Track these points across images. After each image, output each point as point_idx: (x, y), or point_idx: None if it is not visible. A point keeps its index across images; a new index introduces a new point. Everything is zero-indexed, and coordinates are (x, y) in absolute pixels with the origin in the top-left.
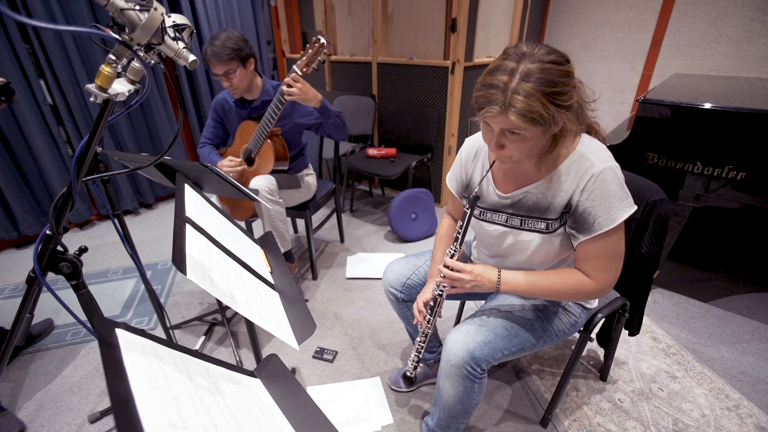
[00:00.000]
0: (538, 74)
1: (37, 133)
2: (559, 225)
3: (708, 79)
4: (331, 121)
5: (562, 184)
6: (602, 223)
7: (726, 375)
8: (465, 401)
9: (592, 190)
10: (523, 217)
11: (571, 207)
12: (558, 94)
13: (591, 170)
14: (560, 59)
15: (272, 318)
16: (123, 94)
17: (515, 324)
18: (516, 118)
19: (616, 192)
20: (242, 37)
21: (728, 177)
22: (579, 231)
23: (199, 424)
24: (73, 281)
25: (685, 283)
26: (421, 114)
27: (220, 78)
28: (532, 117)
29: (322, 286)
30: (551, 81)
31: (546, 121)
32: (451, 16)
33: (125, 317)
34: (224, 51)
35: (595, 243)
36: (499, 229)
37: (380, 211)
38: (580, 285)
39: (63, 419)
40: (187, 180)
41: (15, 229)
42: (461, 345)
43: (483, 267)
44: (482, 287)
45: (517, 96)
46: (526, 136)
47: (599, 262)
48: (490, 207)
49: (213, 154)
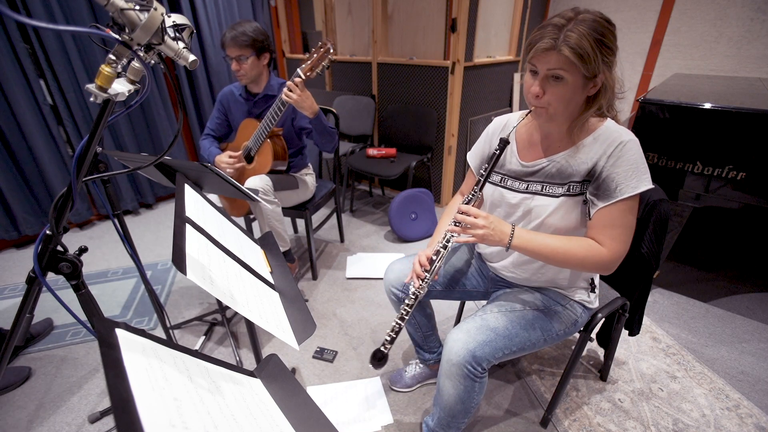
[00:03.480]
0: (592, 23)
1: (37, 133)
2: (579, 190)
3: (708, 79)
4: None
5: (589, 152)
6: (624, 189)
7: (726, 375)
8: (466, 401)
9: (618, 156)
10: (544, 183)
11: (594, 173)
12: (604, 44)
13: (619, 138)
14: (609, 19)
15: (272, 318)
16: (123, 94)
17: (516, 323)
18: (566, 50)
19: (639, 163)
20: (264, 32)
21: (728, 177)
22: (599, 197)
23: (199, 424)
24: (73, 281)
25: (685, 283)
26: (421, 114)
27: (231, 60)
28: (580, 53)
29: (322, 286)
30: (601, 30)
31: (590, 64)
32: (451, 16)
33: (125, 317)
34: (242, 37)
35: (614, 210)
36: (518, 196)
37: (380, 211)
38: (593, 251)
39: (63, 419)
40: (187, 180)
41: (15, 229)
42: (462, 344)
43: (499, 220)
44: (494, 237)
45: (572, 33)
46: (568, 81)
47: (615, 231)
48: (511, 174)
49: (213, 146)
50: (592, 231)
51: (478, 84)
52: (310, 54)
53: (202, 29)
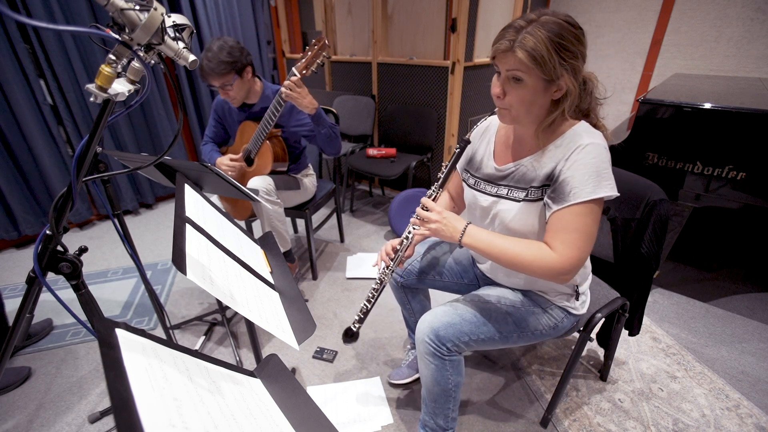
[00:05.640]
0: (551, 25)
1: (37, 133)
2: (538, 195)
3: (708, 79)
4: (324, 131)
5: (552, 156)
6: (578, 194)
7: (726, 375)
8: (441, 381)
9: (575, 160)
10: (509, 187)
11: (553, 176)
12: (564, 48)
13: (578, 142)
14: (575, 23)
15: (272, 318)
16: (123, 94)
17: (487, 313)
18: (521, 53)
19: (599, 167)
20: (237, 45)
21: (728, 177)
22: (555, 200)
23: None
24: (73, 281)
25: (685, 283)
26: (421, 114)
27: (217, 89)
28: (534, 56)
29: (322, 286)
30: (561, 34)
31: (547, 68)
32: (451, 16)
33: (125, 317)
34: (219, 66)
35: (567, 214)
36: (489, 199)
37: (380, 211)
38: (541, 255)
39: (63, 419)
40: (187, 180)
41: (15, 229)
42: (427, 324)
43: (454, 216)
44: (445, 232)
45: (529, 36)
46: (527, 84)
47: (567, 235)
48: (485, 178)
49: (214, 151)
50: (547, 235)
51: (478, 84)
52: (305, 52)
53: (202, 29)
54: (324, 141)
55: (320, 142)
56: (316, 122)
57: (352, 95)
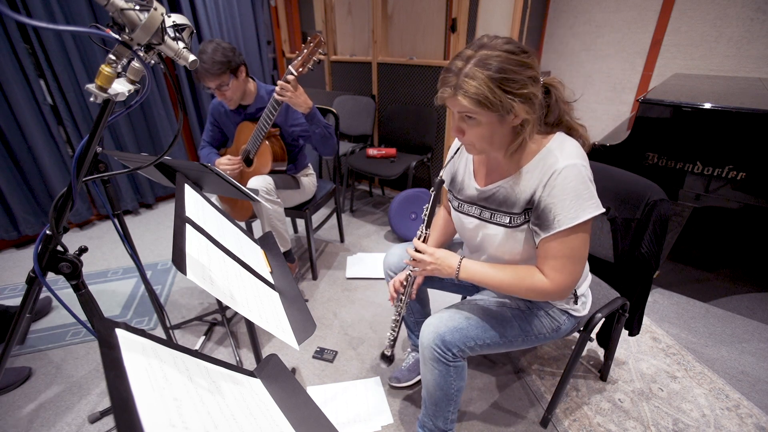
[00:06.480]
0: (490, 61)
1: (37, 133)
2: (522, 220)
3: (708, 79)
4: (318, 131)
5: (529, 180)
6: (562, 220)
7: (726, 375)
8: (444, 386)
9: (553, 186)
10: (492, 210)
11: (533, 202)
12: (508, 81)
13: (554, 166)
14: (516, 49)
15: (272, 318)
16: (123, 94)
17: (491, 318)
18: (464, 99)
19: (579, 190)
20: (230, 46)
21: (728, 177)
22: (540, 228)
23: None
24: (73, 281)
25: (685, 283)
26: (421, 114)
27: (213, 91)
28: (478, 100)
29: (322, 286)
30: (501, 68)
31: (495, 107)
32: (451, 16)
33: (125, 317)
34: (214, 66)
35: (554, 241)
36: (474, 222)
37: (380, 211)
38: (534, 283)
39: (63, 419)
40: (187, 180)
41: (15, 229)
42: (433, 328)
43: (447, 253)
44: (442, 271)
45: (467, 79)
46: (481, 122)
47: (557, 262)
48: (467, 200)
49: (212, 155)
50: (538, 261)
51: None
52: (300, 50)
53: (202, 29)
54: (318, 141)
55: (315, 141)
56: (311, 122)
57: (352, 95)
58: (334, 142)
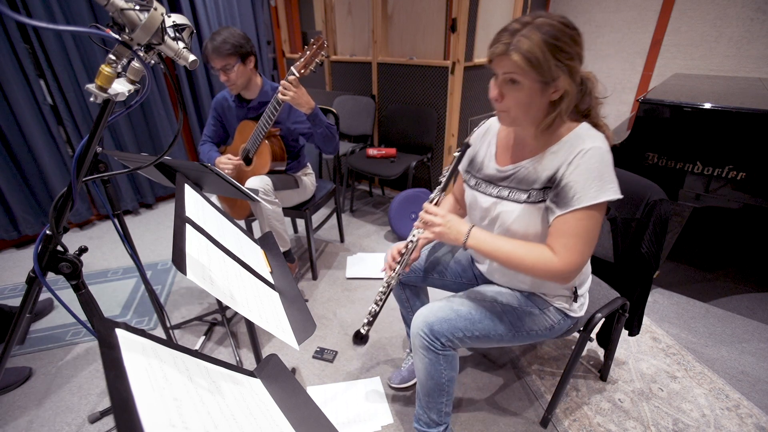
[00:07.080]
0: (546, 27)
1: (37, 133)
2: (539, 198)
3: (708, 79)
4: (320, 131)
5: (553, 160)
6: (581, 198)
7: (726, 375)
8: (434, 375)
9: (578, 164)
10: (511, 188)
11: (555, 180)
12: (560, 50)
13: (580, 146)
14: (571, 24)
15: (272, 318)
16: (123, 94)
17: (482, 311)
18: (516, 55)
19: (602, 171)
20: (244, 35)
21: (728, 177)
22: (558, 205)
23: (199, 424)
24: (73, 281)
25: (685, 283)
26: (421, 114)
27: (217, 72)
28: (529, 59)
29: (322, 286)
30: (556, 36)
31: (542, 70)
32: (451, 16)
33: (125, 317)
34: (224, 46)
35: (570, 219)
36: (489, 200)
37: (380, 211)
38: (543, 258)
39: (63, 419)
40: (187, 180)
41: (15, 229)
42: (422, 318)
43: (458, 219)
44: (449, 235)
45: (524, 39)
46: (524, 87)
47: (569, 240)
48: (485, 178)
49: (213, 151)
50: (549, 238)
51: (478, 84)
52: (303, 52)
53: (202, 29)
54: (321, 140)
55: (317, 141)
56: (313, 122)
57: (352, 95)
58: (337, 142)
